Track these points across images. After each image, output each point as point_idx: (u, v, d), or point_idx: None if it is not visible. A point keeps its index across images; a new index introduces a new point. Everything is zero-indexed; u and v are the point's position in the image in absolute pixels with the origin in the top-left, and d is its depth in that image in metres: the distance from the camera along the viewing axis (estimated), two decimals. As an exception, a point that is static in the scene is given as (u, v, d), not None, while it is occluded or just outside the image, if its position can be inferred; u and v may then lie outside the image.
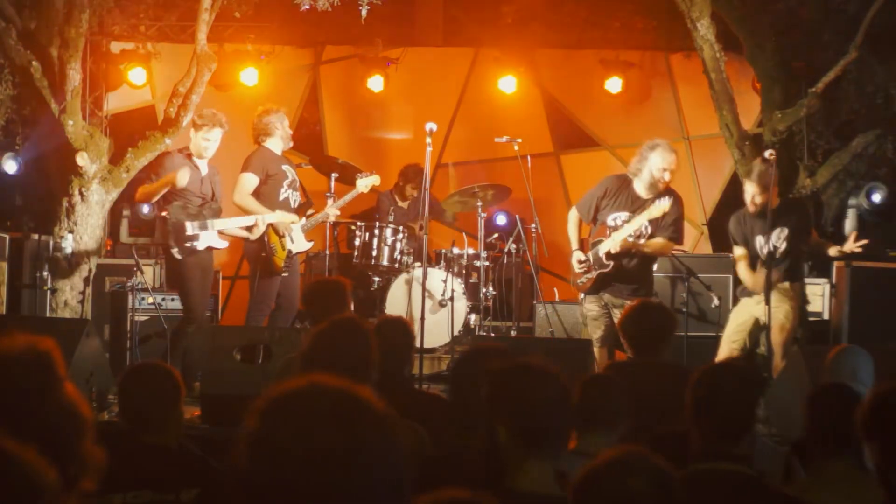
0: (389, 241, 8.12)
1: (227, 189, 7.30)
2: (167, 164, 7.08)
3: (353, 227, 8.25)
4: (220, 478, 3.13)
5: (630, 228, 6.42)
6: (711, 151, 9.99)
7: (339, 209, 7.62)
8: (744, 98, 8.63)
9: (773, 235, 6.56)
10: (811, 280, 8.01)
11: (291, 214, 7.21)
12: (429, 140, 7.10)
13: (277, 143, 7.33)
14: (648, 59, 10.23)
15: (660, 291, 7.47)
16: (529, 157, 8.06)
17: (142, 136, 7.96)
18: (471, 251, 8.45)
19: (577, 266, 6.60)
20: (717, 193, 10.20)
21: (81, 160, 8.15)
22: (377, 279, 8.32)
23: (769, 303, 6.27)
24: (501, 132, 8.18)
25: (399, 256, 8.15)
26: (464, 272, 8.39)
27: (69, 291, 8.14)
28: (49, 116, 8.23)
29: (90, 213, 8.11)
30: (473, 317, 8.30)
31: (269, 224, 7.09)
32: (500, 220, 9.68)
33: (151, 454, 3.14)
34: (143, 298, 7.62)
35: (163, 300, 7.75)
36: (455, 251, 8.48)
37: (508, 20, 10.27)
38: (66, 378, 1.90)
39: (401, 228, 8.22)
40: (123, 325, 7.73)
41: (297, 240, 7.28)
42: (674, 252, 7.46)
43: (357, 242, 8.13)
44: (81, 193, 8.13)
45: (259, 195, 7.14)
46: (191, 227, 6.89)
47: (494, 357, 3.05)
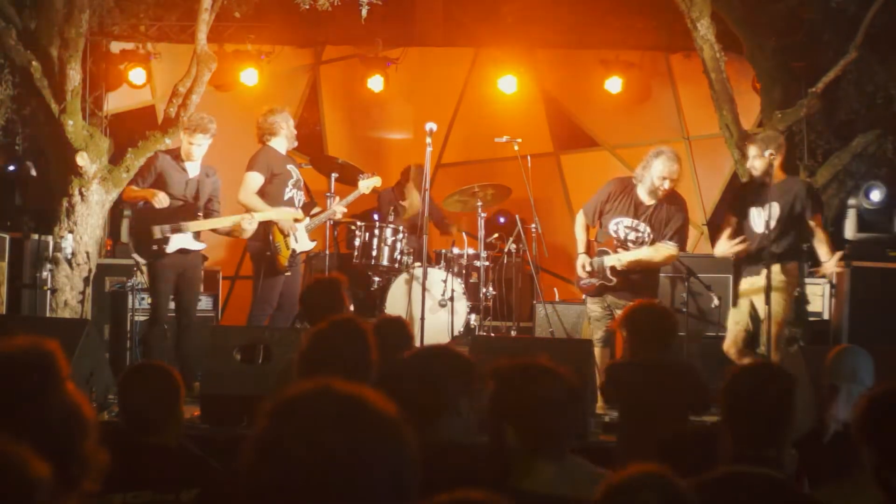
0: (389, 241, 8.11)
1: (231, 189, 7.29)
2: (154, 167, 7.06)
3: (353, 227, 8.25)
4: (220, 478, 3.13)
5: (638, 255, 6.49)
6: (711, 151, 9.98)
7: (346, 206, 7.65)
8: (744, 98, 8.63)
9: (765, 211, 6.59)
10: (811, 280, 8.00)
11: (295, 210, 7.19)
12: (429, 140, 7.11)
13: (282, 143, 7.33)
14: (648, 59, 10.23)
15: (660, 291, 7.47)
16: (529, 157, 8.06)
17: (142, 136, 7.95)
18: (471, 251, 8.45)
19: (582, 271, 6.67)
20: (717, 193, 10.20)
21: (81, 160, 8.15)
22: (377, 279, 8.31)
23: (769, 302, 6.27)
24: (501, 132, 8.18)
25: (399, 256, 8.14)
26: (464, 272, 8.38)
27: (69, 291, 8.14)
28: (49, 116, 8.23)
29: (90, 213, 8.11)
30: (473, 317, 8.29)
31: (274, 223, 7.09)
32: (501, 220, 9.68)
33: (151, 454, 3.13)
34: (143, 298, 7.61)
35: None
36: (455, 251, 8.48)
37: (508, 20, 10.27)
38: (68, 379, 1.90)
39: (401, 228, 8.21)
40: (123, 325, 7.73)
41: (301, 239, 7.29)
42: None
43: (357, 242, 8.13)
44: (81, 193, 8.13)
45: (264, 194, 7.14)
46: (158, 231, 6.85)
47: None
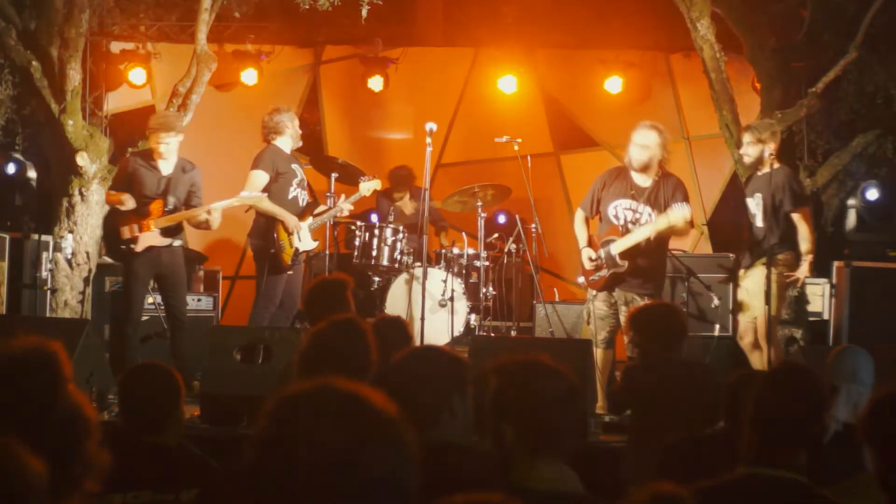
0: (389, 241, 8.12)
1: (231, 187, 7.27)
2: (126, 170, 7.03)
3: (353, 227, 8.25)
4: (220, 478, 3.13)
5: (646, 232, 6.39)
6: (711, 151, 9.98)
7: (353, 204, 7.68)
8: (744, 98, 8.63)
9: (754, 202, 6.61)
10: (811, 280, 8.00)
11: (258, 195, 7.06)
12: (429, 140, 7.11)
13: (287, 142, 7.34)
14: (648, 59, 10.22)
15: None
16: (529, 157, 8.05)
17: (142, 136, 7.95)
18: (471, 251, 8.45)
19: (589, 263, 6.56)
20: (717, 193, 10.20)
21: (81, 160, 8.15)
22: (377, 279, 8.32)
23: (769, 302, 6.27)
24: (501, 132, 8.17)
25: (399, 256, 8.14)
26: (464, 272, 8.39)
27: (69, 291, 8.14)
28: (49, 116, 8.24)
29: (90, 213, 8.12)
30: (473, 317, 8.29)
31: (279, 222, 7.10)
32: (500, 220, 9.68)
33: (152, 454, 3.13)
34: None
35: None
36: (455, 251, 8.48)
37: (508, 20, 10.26)
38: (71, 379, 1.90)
39: (401, 228, 8.22)
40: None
41: (304, 238, 7.30)
42: (674, 252, 7.45)
43: (357, 242, 8.13)
44: (81, 193, 8.14)
45: (268, 193, 7.15)
46: (126, 231, 6.83)
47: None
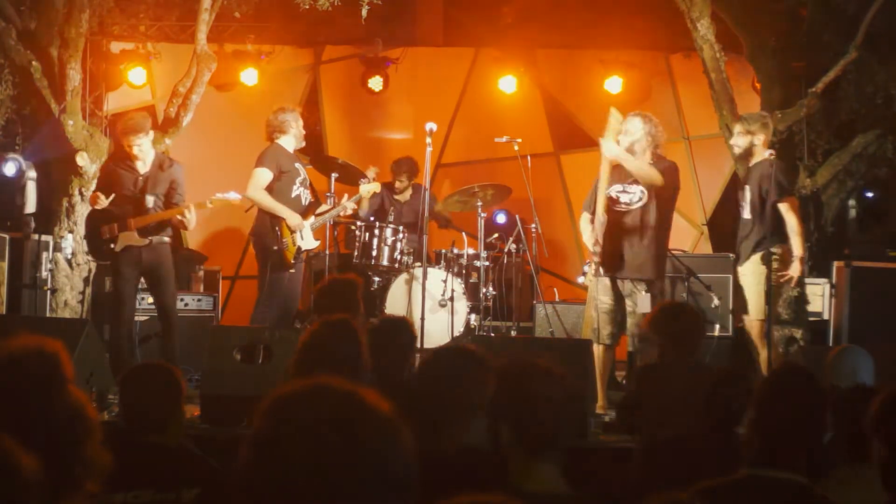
0: (389, 241, 8.12)
1: (231, 187, 7.25)
2: (105, 173, 7.07)
3: (353, 227, 8.25)
4: (221, 478, 3.13)
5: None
6: (711, 151, 9.98)
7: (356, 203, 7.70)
8: (744, 98, 8.63)
9: (741, 195, 6.61)
10: (811, 280, 8.00)
11: (233, 194, 7.06)
12: (429, 140, 7.11)
13: (290, 142, 7.36)
14: (648, 59, 10.23)
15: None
16: (529, 157, 8.06)
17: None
18: (471, 251, 8.45)
19: (593, 247, 6.45)
20: (717, 193, 10.20)
21: (81, 160, 8.15)
22: (377, 279, 8.31)
23: (769, 303, 6.25)
24: (501, 132, 8.17)
25: (399, 256, 8.14)
26: (464, 272, 8.38)
27: (69, 291, 8.14)
28: (49, 116, 8.24)
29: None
30: (473, 317, 8.29)
31: (282, 220, 7.12)
32: (500, 220, 9.68)
33: (152, 453, 3.14)
34: (143, 298, 7.60)
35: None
36: (455, 251, 8.48)
37: (508, 20, 10.27)
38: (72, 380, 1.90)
39: (401, 228, 8.22)
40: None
41: (307, 237, 7.32)
42: (673, 252, 7.45)
43: (357, 242, 8.13)
44: (81, 193, 8.14)
45: (272, 191, 7.17)
46: (106, 231, 6.87)
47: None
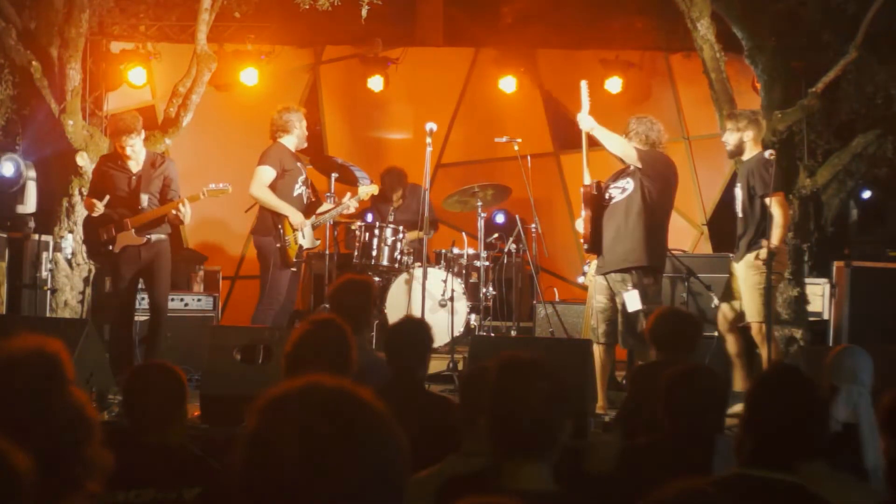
0: (389, 241, 8.12)
1: (232, 186, 7.25)
2: (97, 176, 7.07)
3: (353, 227, 8.25)
4: (222, 478, 3.14)
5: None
6: (711, 151, 9.97)
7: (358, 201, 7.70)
8: (744, 98, 8.63)
9: (736, 192, 6.63)
10: (811, 280, 8.00)
11: (225, 185, 7.06)
12: (429, 140, 7.11)
13: (293, 141, 7.38)
14: (648, 59, 10.23)
15: (660, 292, 7.45)
16: (529, 157, 8.05)
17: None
18: (471, 251, 8.45)
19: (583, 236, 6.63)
20: (717, 193, 10.20)
21: (81, 160, 8.16)
22: (377, 279, 8.32)
23: (769, 303, 6.25)
24: (501, 132, 8.17)
25: (399, 256, 8.14)
26: (464, 272, 8.39)
27: (69, 291, 8.15)
28: (49, 116, 8.24)
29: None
30: (473, 317, 8.29)
31: (285, 217, 7.13)
32: (500, 220, 9.68)
33: (154, 453, 3.14)
34: (143, 298, 7.60)
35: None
36: (455, 251, 8.48)
37: (508, 20, 10.28)
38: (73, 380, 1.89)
39: (401, 228, 8.22)
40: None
41: (308, 236, 7.33)
42: (673, 252, 7.45)
43: (357, 242, 8.13)
44: (81, 193, 8.14)
45: (274, 189, 7.18)
46: (104, 234, 6.89)
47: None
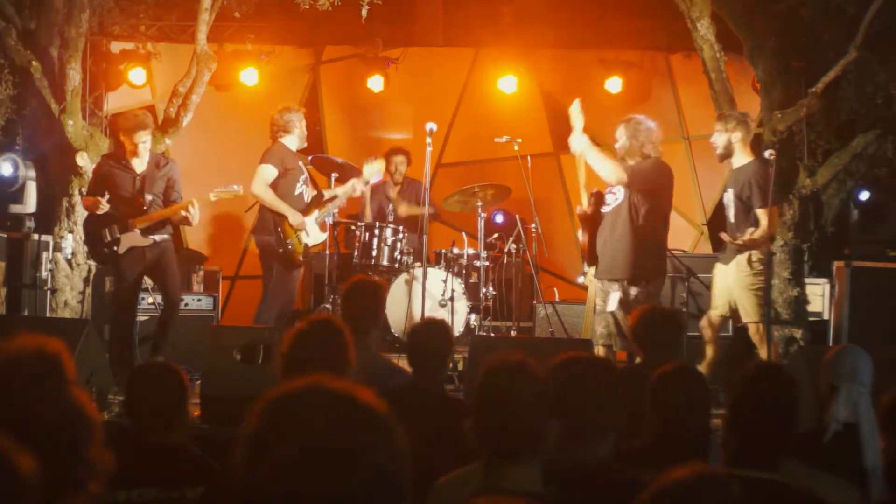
0: (389, 241, 8.12)
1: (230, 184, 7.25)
2: (98, 175, 7.04)
3: (353, 227, 8.25)
4: (224, 478, 3.14)
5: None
6: (711, 151, 9.84)
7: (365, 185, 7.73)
8: (744, 98, 8.63)
9: (726, 196, 6.64)
10: (811, 280, 8.00)
11: (234, 187, 7.06)
12: (429, 140, 7.11)
13: (293, 141, 7.39)
14: (648, 59, 10.23)
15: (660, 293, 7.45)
16: (529, 157, 8.06)
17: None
18: (471, 251, 8.45)
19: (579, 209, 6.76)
20: (717, 193, 10.17)
21: (81, 160, 8.16)
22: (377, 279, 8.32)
23: (769, 303, 6.25)
24: (501, 132, 8.17)
25: (399, 256, 8.14)
26: (464, 272, 8.39)
27: (69, 291, 8.14)
28: (49, 116, 8.24)
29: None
30: (473, 317, 8.30)
31: (284, 219, 7.13)
32: (500, 220, 9.68)
33: (156, 452, 3.15)
34: (143, 298, 7.61)
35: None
36: (455, 251, 8.49)
37: (508, 20, 10.27)
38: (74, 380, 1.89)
39: (401, 228, 8.22)
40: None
41: (312, 232, 7.32)
42: (673, 252, 7.46)
43: (357, 242, 8.13)
44: (81, 193, 8.13)
45: (275, 188, 7.19)
46: (107, 234, 6.89)
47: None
